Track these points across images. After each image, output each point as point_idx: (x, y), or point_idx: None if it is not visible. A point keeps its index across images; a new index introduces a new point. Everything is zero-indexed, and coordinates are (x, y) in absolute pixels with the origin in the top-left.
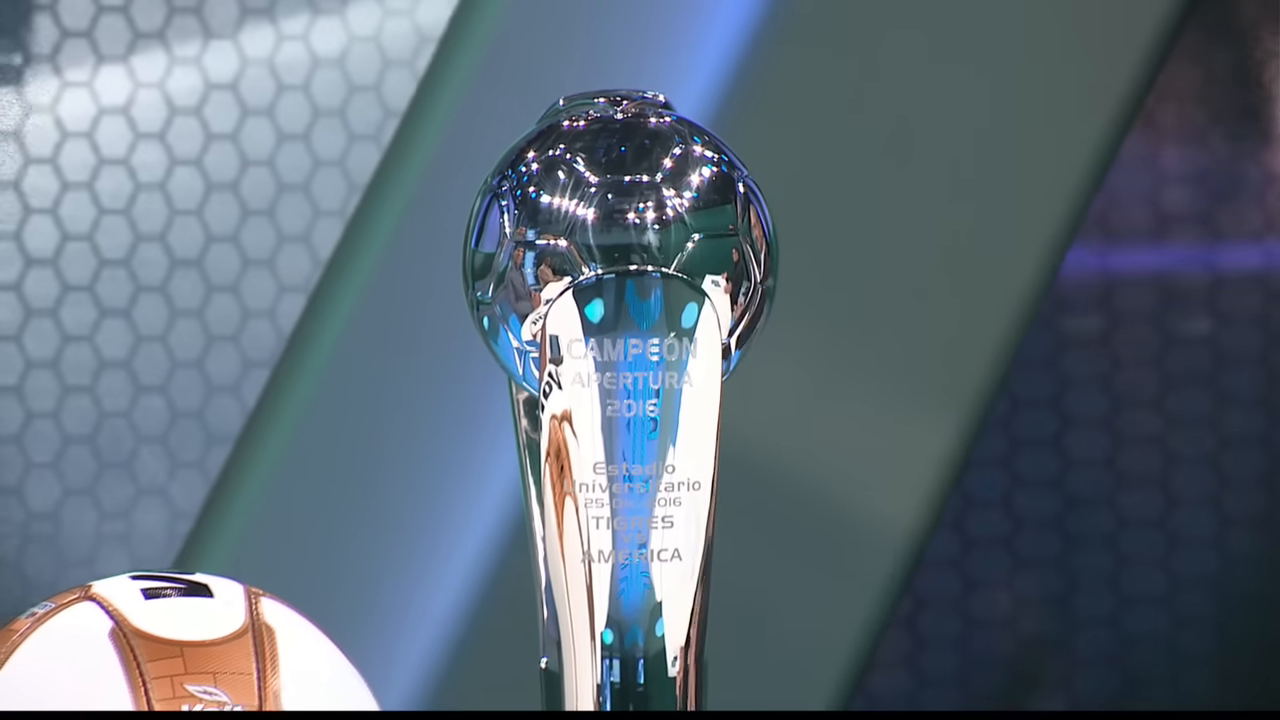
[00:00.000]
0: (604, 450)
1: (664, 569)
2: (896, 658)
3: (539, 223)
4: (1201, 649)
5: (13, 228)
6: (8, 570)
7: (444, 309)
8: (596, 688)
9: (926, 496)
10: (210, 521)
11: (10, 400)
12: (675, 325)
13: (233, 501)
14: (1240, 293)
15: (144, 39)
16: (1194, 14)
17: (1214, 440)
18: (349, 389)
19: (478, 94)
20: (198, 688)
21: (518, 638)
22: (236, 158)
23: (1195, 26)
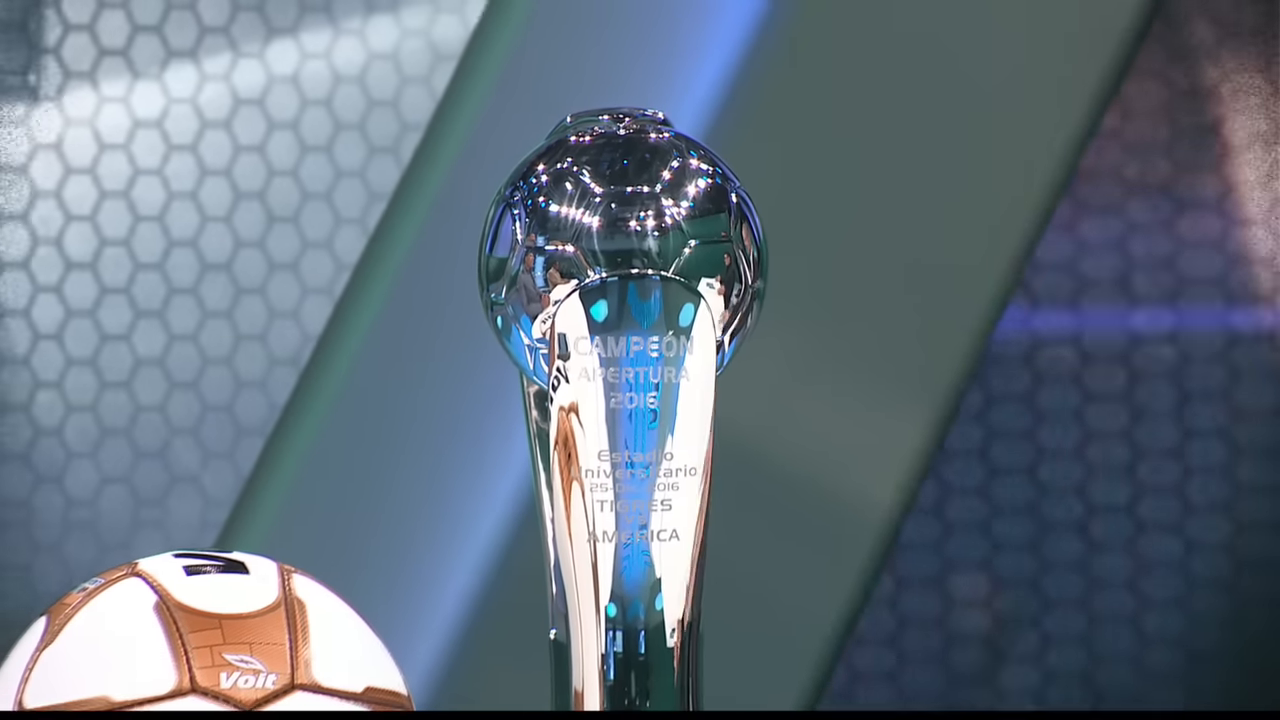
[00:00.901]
0: (608, 439)
1: (663, 548)
2: (881, 636)
3: (548, 230)
4: (1166, 630)
5: (54, 234)
6: (50, 554)
7: (461, 310)
8: (601, 657)
9: (902, 480)
10: (246, 506)
11: (52, 394)
12: (673, 324)
13: (266, 487)
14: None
15: (176, 57)
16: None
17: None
18: (374, 383)
19: (492, 112)
20: (235, 656)
21: (529, 611)
22: (263, 168)
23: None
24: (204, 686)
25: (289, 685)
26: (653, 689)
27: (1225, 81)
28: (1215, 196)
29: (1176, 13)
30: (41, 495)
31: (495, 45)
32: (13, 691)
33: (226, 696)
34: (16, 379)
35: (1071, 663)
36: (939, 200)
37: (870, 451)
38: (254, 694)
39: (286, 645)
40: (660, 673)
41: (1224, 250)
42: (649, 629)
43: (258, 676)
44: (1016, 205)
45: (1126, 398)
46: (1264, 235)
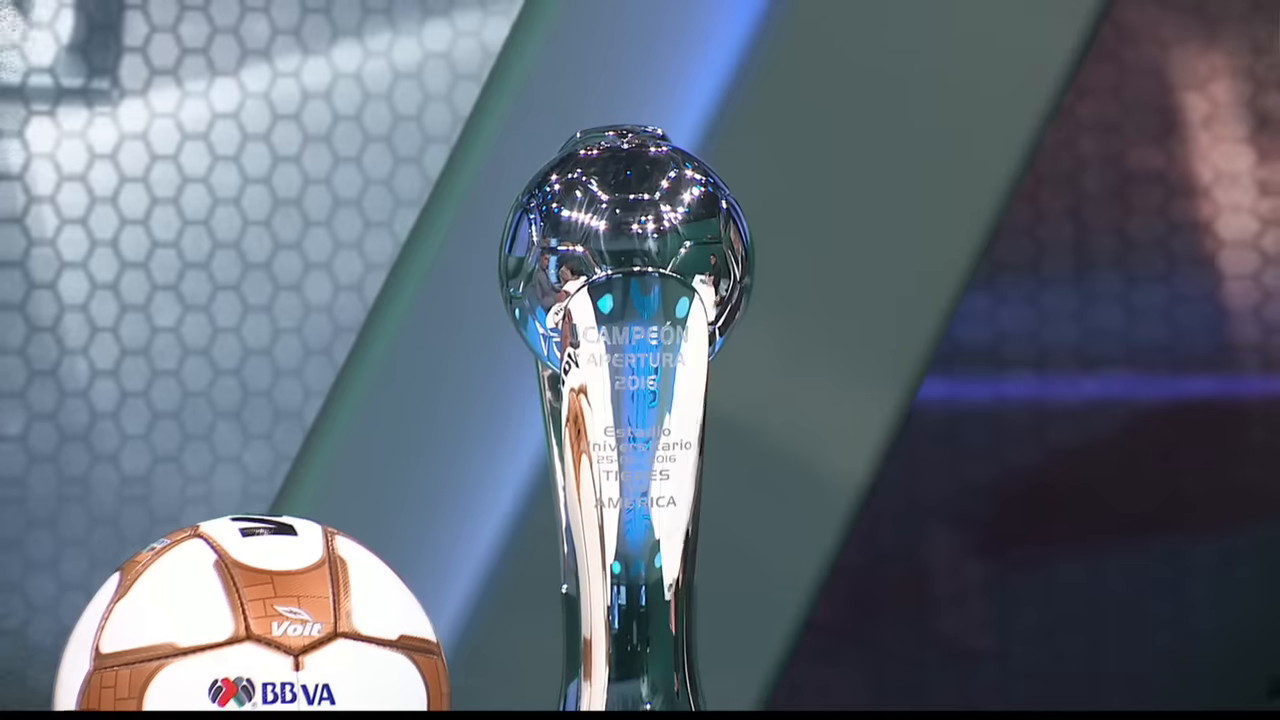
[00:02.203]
0: (613, 417)
1: (661, 513)
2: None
3: (560, 233)
4: (1115, 591)
5: (110, 236)
6: (106, 526)
7: (484, 303)
8: (607, 609)
9: (871, 452)
10: (295, 477)
11: (108, 382)
12: (670, 315)
13: (312, 460)
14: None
15: (220, 76)
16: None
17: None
18: (406, 370)
19: (511, 129)
20: (285, 608)
21: (543, 568)
22: (299, 176)
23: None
24: (258, 634)
25: (332, 633)
26: (652, 637)
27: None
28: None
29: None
30: (98, 473)
31: (514, 71)
32: (90, 639)
33: (277, 643)
34: (76, 368)
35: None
36: (904, 207)
37: (843, 427)
38: (301, 641)
39: (330, 598)
40: (659, 622)
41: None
42: (649, 584)
43: (305, 626)
44: (971, 213)
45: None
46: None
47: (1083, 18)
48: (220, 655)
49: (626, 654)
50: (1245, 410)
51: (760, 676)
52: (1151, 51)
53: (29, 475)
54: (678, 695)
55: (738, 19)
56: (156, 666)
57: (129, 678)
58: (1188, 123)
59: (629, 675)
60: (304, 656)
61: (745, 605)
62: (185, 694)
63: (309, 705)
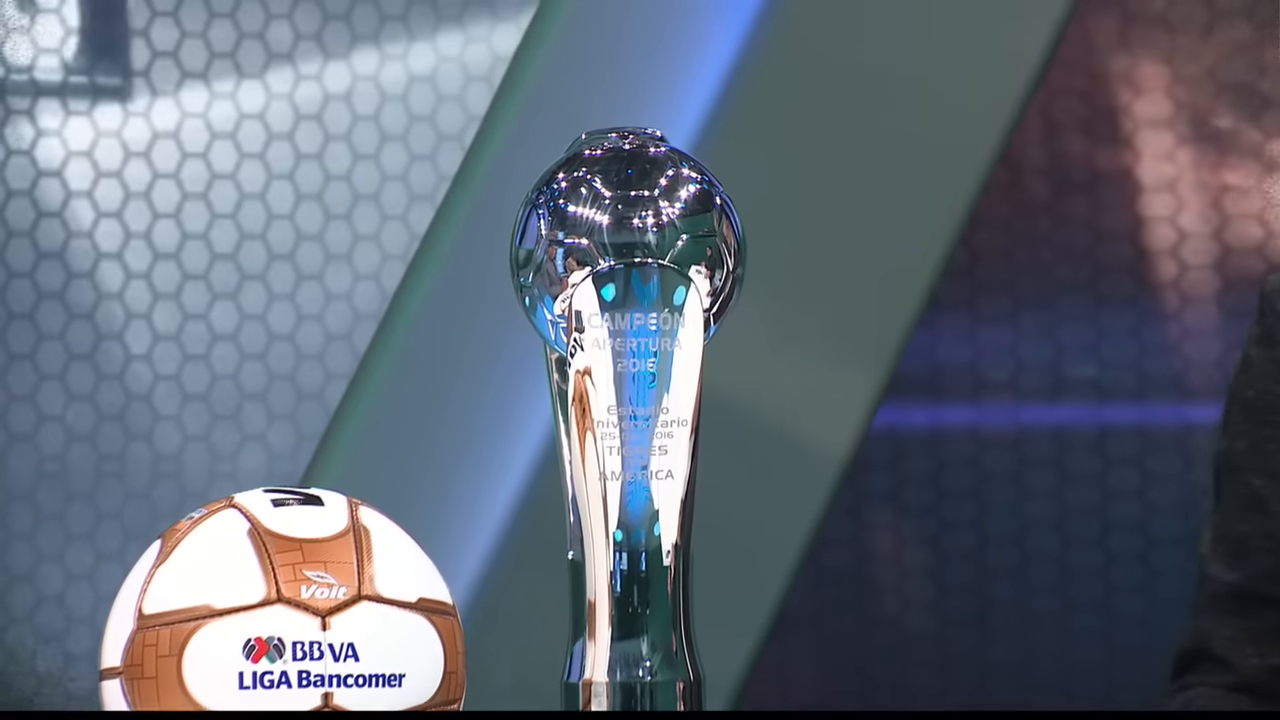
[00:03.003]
0: (615, 396)
1: (660, 485)
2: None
3: (567, 227)
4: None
5: (143, 229)
6: (140, 501)
7: (497, 292)
8: (610, 573)
9: (853, 427)
10: (322, 452)
11: (142, 366)
12: (669, 303)
13: (338, 436)
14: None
15: (247, 79)
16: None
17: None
18: (424, 355)
19: (521, 131)
20: (313, 573)
21: (551, 536)
22: (321, 173)
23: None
24: (287, 597)
25: (356, 596)
26: (651, 600)
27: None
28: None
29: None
30: (133, 451)
31: (524, 78)
32: (134, 601)
33: (305, 605)
34: (112, 353)
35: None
36: (883, 203)
37: (827, 405)
38: (328, 603)
39: (354, 564)
40: (657, 586)
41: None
42: (649, 550)
43: (331, 589)
44: (944, 208)
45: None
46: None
47: (1044, 36)
48: (253, 616)
49: (628, 615)
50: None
51: (753, 634)
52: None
53: (68, 452)
54: (675, 654)
55: (730, 32)
56: (195, 626)
57: (169, 636)
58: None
59: (630, 635)
60: (330, 617)
61: (738, 568)
62: (221, 652)
63: (335, 663)
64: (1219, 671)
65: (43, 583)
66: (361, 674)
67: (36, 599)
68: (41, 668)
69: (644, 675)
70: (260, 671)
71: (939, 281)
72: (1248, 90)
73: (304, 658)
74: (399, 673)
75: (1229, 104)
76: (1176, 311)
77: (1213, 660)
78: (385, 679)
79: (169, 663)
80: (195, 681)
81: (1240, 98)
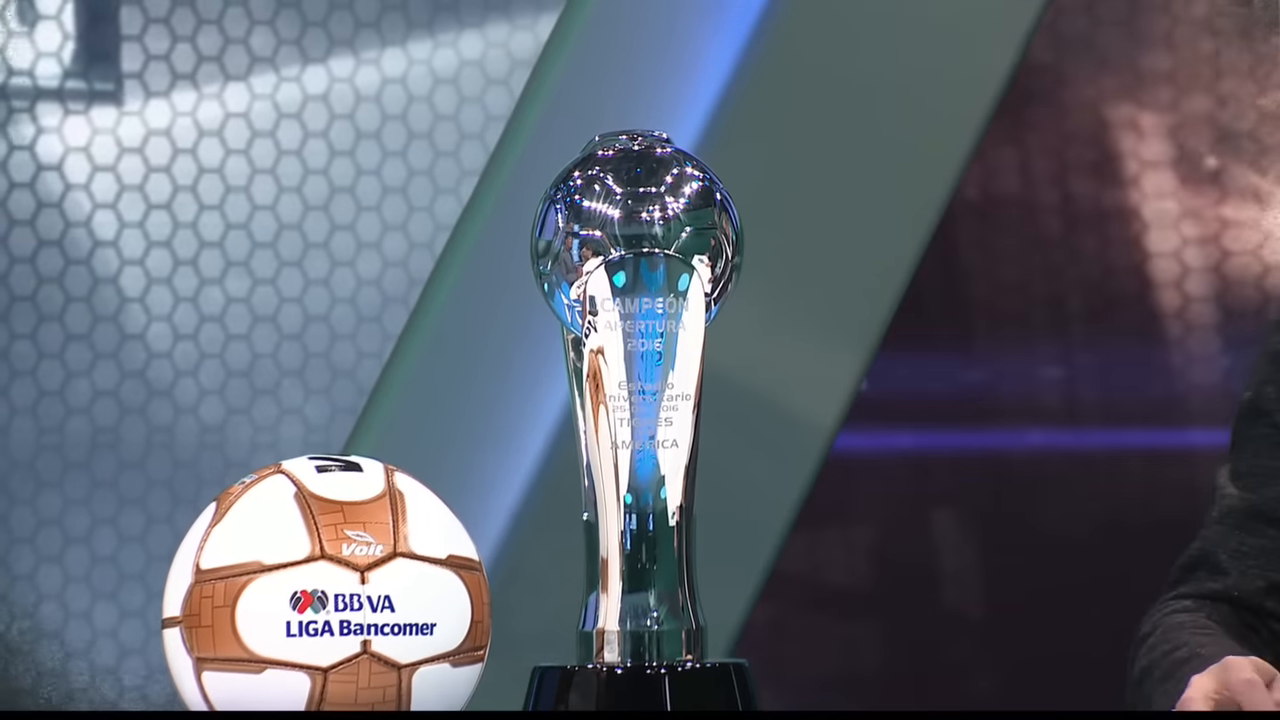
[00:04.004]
0: (625, 373)
1: (666, 453)
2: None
3: (582, 220)
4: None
5: (190, 219)
6: (187, 469)
7: (519, 279)
8: (620, 533)
9: (839, 400)
10: (361, 424)
11: (188, 345)
12: (674, 289)
13: (375, 409)
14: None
15: (285, 82)
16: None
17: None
18: (454, 336)
19: (541, 134)
20: (353, 532)
21: (568, 499)
22: (353, 168)
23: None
24: (330, 554)
25: (392, 553)
26: (658, 557)
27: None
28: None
29: None
30: (181, 423)
31: (543, 86)
32: (192, 557)
33: (346, 561)
34: (162, 332)
35: None
36: (866, 199)
37: (816, 381)
38: (366, 560)
39: (390, 524)
40: (664, 545)
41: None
42: (656, 512)
43: (369, 547)
44: (921, 204)
45: None
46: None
47: (1011, 50)
48: (299, 571)
49: (637, 571)
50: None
51: (749, 587)
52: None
53: (121, 424)
54: (680, 605)
55: (728, 46)
56: (247, 580)
57: (224, 589)
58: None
59: (639, 589)
60: (369, 573)
61: (736, 528)
62: (270, 603)
63: (373, 613)
64: (1215, 577)
65: (98, 544)
66: (397, 623)
67: (91, 560)
68: (98, 622)
69: (652, 624)
70: (305, 621)
71: (916, 270)
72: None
73: (345, 609)
74: (431, 622)
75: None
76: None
77: (1212, 567)
78: (418, 628)
79: (223, 613)
80: (247, 629)
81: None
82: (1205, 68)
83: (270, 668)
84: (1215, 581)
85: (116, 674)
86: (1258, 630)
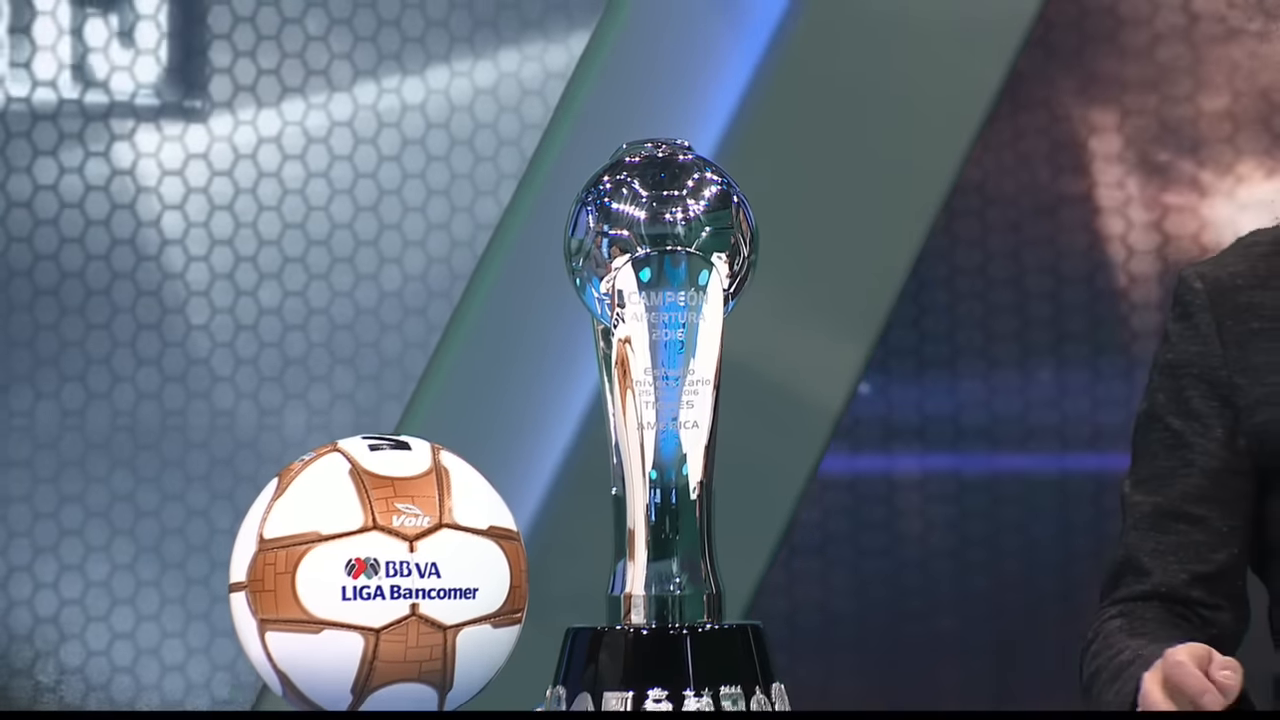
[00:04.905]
0: (650, 360)
1: (687, 433)
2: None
3: (611, 221)
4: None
5: (251, 219)
6: (248, 449)
7: (554, 275)
8: (646, 506)
9: (845, 385)
10: (410, 408)
11: (249, 335)
12: (694, 283)
13: (423, 395)
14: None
15: (338, 92)
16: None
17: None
18: (494, 328)
19: (574, 142)
20: (403, 505)
21: (598, 475)
22: (399, 172)
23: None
24: (382, 525)
25: (438, 524)
26: (681, 528)
27: None
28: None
29: None
30: (241, 408)
31: (576, 99)
32: (256, 527)
33: (396, 532)
34: (224, 323)
35: None
36: (870, 203)
37: (824, 369)
38: (415, 530)
39: (436, 498)
40: (685, 517)
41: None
42: (678, 487)
43: (417, 518)
44: (917, 208)
45: None
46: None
47: (1000, 67)
48: (353, 540)
49: (661, 541)
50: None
51: (763, 555)
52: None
53: (187, 408)
54: (700, 572)
55: (744, 63)
56: (306, 548)
57: (285, 557)
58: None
59: (663, 556)
60: (417, 542)
61: (752, 501)
62: (327, 569)
63: (421, 578)
64: (1140, 579)
65: (167, 518)
66: (442, 588)
67: (161, 531)
68: (167, 590)
69: (674, 589)
70: (359, 586)
71: (912, 268)
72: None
73: (395, 575)
74: (473, 587)
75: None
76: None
77: (1136, 570)
78: (462, 592)
79: (285, 578)
80: (306, 593)
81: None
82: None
83: (327, 628)
84: (1141, 583)
85: (184, 636)
86: (1189, 619)
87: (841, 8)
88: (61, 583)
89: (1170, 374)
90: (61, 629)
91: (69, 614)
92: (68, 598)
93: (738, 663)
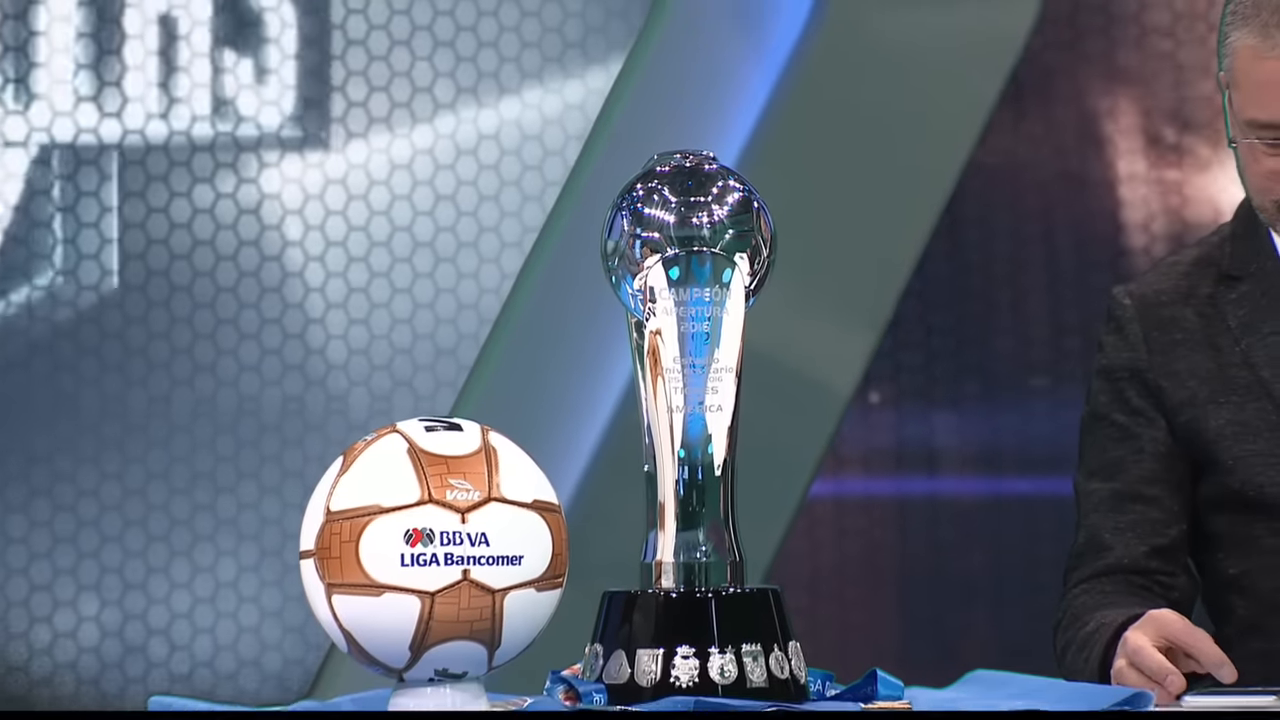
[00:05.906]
0: (679, 350)
1: (712, 416)
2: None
3: (643, 224)
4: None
5: (340, 238)
6: (316, 432)
7: (591, 273)
8: (675, 482)
9: (855, 371)
10: (464, 394)
11: (317, 328)
12: (719, 281)
13: (475, 382)
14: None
15: (420, 123)
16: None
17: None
18: (538, 323)
19: (610, 153)
20: (455, 481)
21: (633, 455)
22: (453, 179)
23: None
24: (436, 499)
25: (487, 498)
26: (706, 501)
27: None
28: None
29: None
30: (311, 394)
31: (612, 115)
32: (323, 501)
33: (450, 505)
34: (295, 319)
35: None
36: (877, 208)
37: (836, 356)
38: (466, 503)
39: (485, 474)
40: (711, 492)
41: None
42: (704, 465)
43: (468, 493)
44: (919, 213)
45: None
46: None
47: (997, 80)
48: (411, 513)
49: (689, 513)
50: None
51: (781, 525)
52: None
53: (262, 395)
54: (724, 541)
55: (763, 83)
56: (368, 519)
57: (350, 527)
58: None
59: (690, 527)
60: (468, 514)
61: (771, 477)
62: (388, 539)
63: (472, 547)
64: (1101, 555)
65: (243, 493)
66: (491, 555)
67: (238, 507)
68: (243, 558)
69: (701, 557)
70: (416, 553)
71: (915, 266)
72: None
73: (449, 543)
74: (519, 555)
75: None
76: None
77: (1097, 547)
78: (508, 559)
79: (349, 546)
80: (369, 560)
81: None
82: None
83: (388, 592)
84: (1102, 559)
85: (258, 601)
86: (1150, 589)
87: (851, 33)
88: (195, 551)
89: (1108, 378)
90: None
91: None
92: (224, 579)
93: (758, 623)
